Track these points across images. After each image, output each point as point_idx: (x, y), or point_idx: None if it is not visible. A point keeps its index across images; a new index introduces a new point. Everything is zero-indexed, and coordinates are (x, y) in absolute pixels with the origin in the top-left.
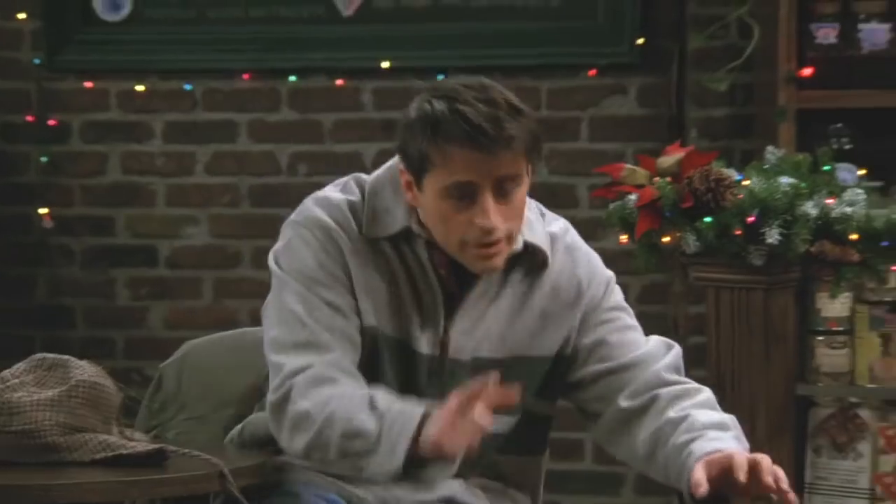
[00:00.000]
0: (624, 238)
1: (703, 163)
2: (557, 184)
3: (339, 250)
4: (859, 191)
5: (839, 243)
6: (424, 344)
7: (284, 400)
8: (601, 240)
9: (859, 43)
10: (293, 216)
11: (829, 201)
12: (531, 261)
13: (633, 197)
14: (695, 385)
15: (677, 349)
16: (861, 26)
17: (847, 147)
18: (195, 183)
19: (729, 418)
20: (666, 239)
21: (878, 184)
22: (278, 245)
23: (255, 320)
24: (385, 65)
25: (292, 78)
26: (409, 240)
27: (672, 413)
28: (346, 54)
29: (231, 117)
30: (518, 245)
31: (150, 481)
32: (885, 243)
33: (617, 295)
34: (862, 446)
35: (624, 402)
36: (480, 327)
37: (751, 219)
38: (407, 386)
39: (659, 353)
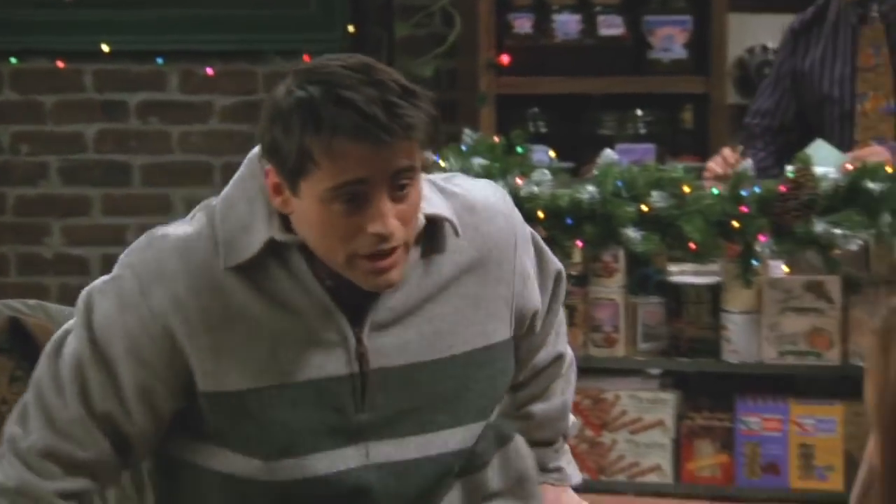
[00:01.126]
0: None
1: None
2: None
3: (160, 318)
4: (546, 171)
5: (527, 221)
6: (333, 366)
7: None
8: None
9: (553, 32)
10: (125, 258)
11: (518, 181)
12: (439, 236)
13: None
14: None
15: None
16: (554, 17)
17: (543, 130)
18: None
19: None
20: None
21: (569, 165)
22: (99, 285)
23: None
24: (105, 48)
25: (13, 60)
26: (279, 254)
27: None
28: (67, 38)
29: None
30: (419, 222)
31: None
32: (569, 221)
33: (531, 250)
34: None
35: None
36: (404, 325)
37: None
38: (333, 420)
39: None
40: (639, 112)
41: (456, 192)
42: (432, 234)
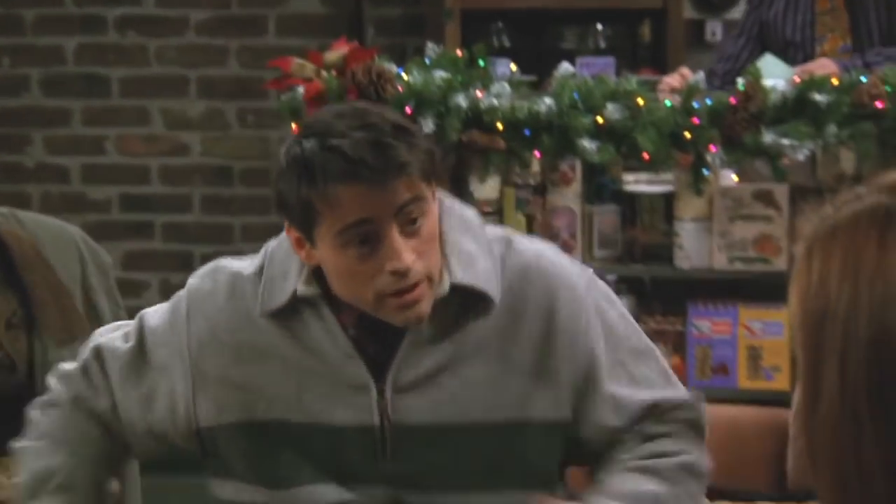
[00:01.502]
0: (295, 127)
1: (365, 58)
2: (247, 77)
3: (195, 340)
4: (505, 84)
5: (487, 132)
6: (355, 415)
7: (44, 405)
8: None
9: None
10: (189, 281)
11: (479, 94)
12: (474, 301)
13: (301, 89)
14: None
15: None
16: None
17: (507, 45)
18: None
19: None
20: None
21: (531, 78)
22: (159, 305)
23: None
24: None
25: None
26: (307, 307)
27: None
28: None
29: None
30: (444, 289)
31: None
32: (527, 132)
33: (604, 315)
34: None
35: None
36: (432, 383)
37: (409, 110)
38: (342, 471)
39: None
40: (599, 27)
41: (522, 254)
42: (471, 298)
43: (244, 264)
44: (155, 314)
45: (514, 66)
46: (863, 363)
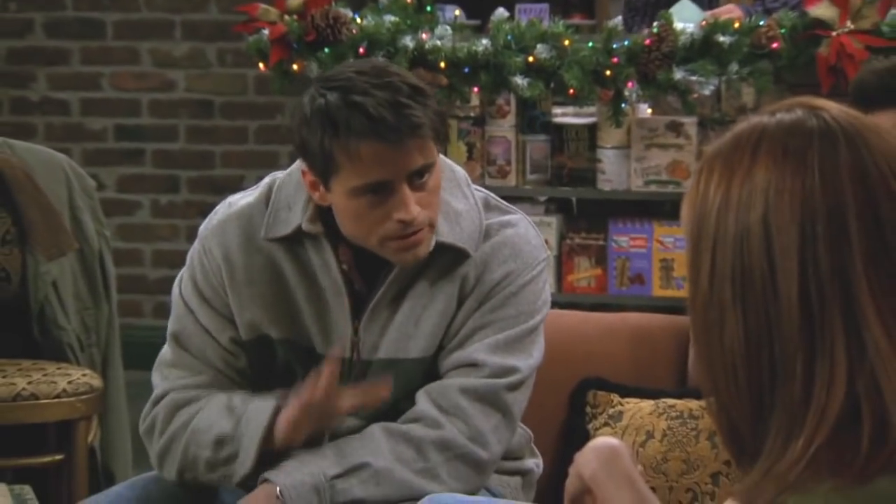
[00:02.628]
0: (262, 66)
1: (324, 3)
2: (226, 21)
3: (215, 266)
4: (447, 27)
5: (432, 70)
6: (327, 345)
7: (150, 431)
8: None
9: None
10: (204, 223)
11: (424, 36)
12: (452, 256)
13: (266, 31)
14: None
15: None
16: None
17: None
18: None
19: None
20: (295, 66)
21: (475, 22)
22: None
23: None
24: None
25: None
26: (309, 239)
27: None
28: None
29: None
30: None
31: None
32: (466, 70)
33: (520, 296)
34: None
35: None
36: (396, 325)
37: (362, 50)
38: None
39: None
40: None
41: (493, 218)
42: (446, 252)
43: (249, 196)
44: (181, 276)
45: (458, 12)
46: (728, 255)
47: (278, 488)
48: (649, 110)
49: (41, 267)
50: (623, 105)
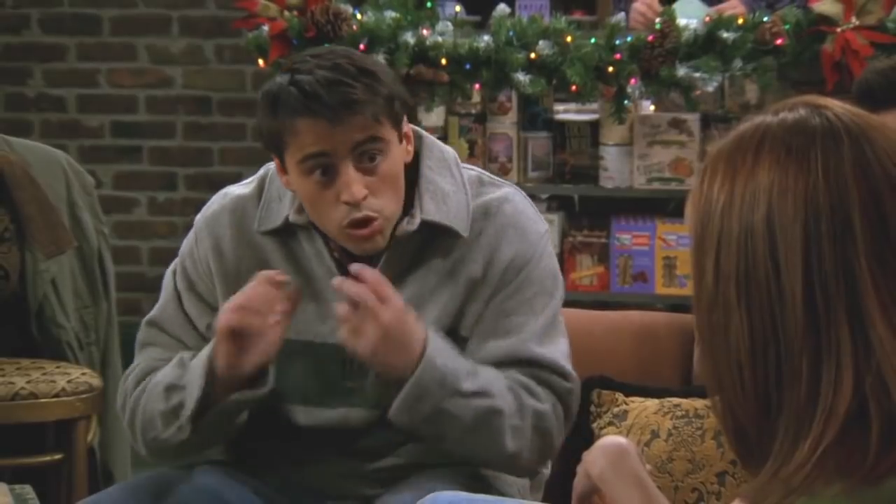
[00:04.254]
0: (261, 62)
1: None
2: (224, 17)
3: (204, 255)
4: (448, 23)
5: (433, 66)
6: (329, 334)
7: (123, 406)
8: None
9: None
10: (201, 212)
11: (425, 32)
12: (443, 236)
13: (266, 27)
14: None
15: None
16: None
17: None
18: None
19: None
20: None
21: (475, 18)
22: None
23: None
24: None
25: None
26: (301, 230)
27: None
28: None
29: None
30: (414, 224)
31: None
32: (468, 66)
33: (534, 276)
34: None
35: None
36: None
37: (362, 46)
38: (324, 380)
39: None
40: None
41: (497, 204)
42: (442, 232)
43: (240, 189)
44: (173, 265)
45: (458, 7)
46: (732, 255)
47: (427, 346)
48: (652, 107)
49: (40, 265)
50: (625, 102)
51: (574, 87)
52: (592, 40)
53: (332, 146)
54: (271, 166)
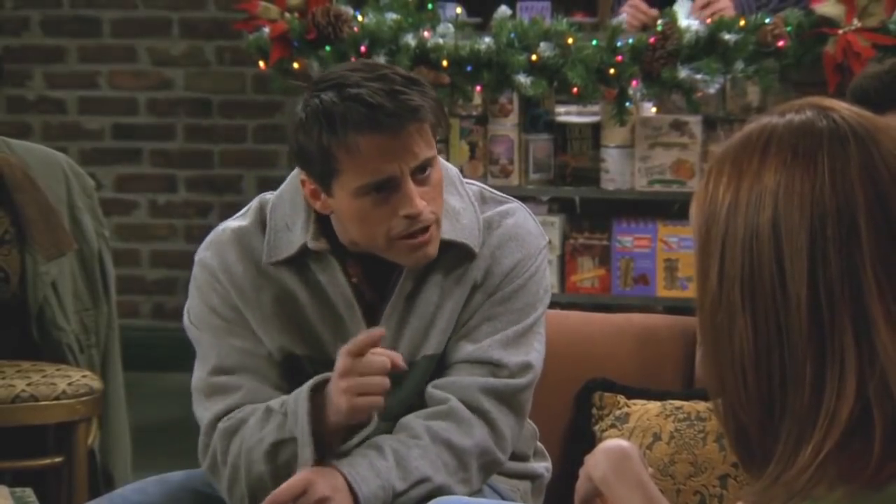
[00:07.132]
0: (262, 64)
1: (325, 1)
2: (224, 19)
3: (225, 291)
4: (450, 25)
5: (434, 68)
6: None
7: (214, 466)
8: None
9: None
10: (197, 254)
11: (426, 34)
12: (457, 253)
13: (267, 29)
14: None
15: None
16: None
17: None
18: None
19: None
20: (296, 65)
21: (477, 20)
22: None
23: None
24: None
25: None
26: (314, 257)
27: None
28: None
29: None
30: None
31: None
32: (469, 68)
33: (527, 287)
34: None
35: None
36: (411, 328)
37: (363, 48)
38: None
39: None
40: None
41: (499, 219)
42: (451, 251)
43: (240, 220)
44: (188, 311)
45: (459, 9)
46: (737, 257)
47: (357, 492)
48: (653, 109)
49: (40, 267)
50: (627, 104)
51: (575, 89)
52: (594, 42)
53: (397, 167)
54: (265, 197)
